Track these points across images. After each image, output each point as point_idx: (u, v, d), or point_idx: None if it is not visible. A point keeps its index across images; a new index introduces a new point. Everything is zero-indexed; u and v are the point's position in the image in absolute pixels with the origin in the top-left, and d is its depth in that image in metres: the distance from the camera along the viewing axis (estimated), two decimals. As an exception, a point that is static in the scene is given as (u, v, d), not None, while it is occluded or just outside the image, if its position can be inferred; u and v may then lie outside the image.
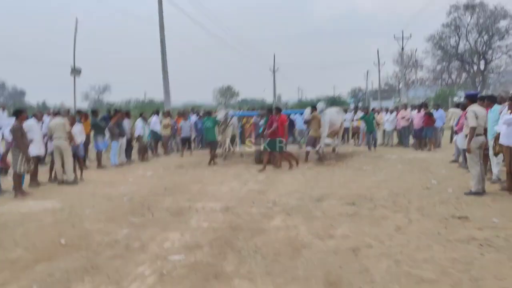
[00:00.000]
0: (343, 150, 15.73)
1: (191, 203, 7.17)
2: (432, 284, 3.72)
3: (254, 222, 5.91)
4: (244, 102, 72.93)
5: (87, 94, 75.39)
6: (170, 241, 5.17)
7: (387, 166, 11.18)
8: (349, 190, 7.95)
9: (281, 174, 10.35)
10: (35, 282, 4.02)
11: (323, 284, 3.80)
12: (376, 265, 4.18)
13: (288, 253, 4.61)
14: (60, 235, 5.54)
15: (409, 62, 66.30)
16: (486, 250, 4.52)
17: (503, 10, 52.16)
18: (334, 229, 5.45)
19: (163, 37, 21.11)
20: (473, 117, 7.13)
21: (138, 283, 3.94)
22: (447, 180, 8.74)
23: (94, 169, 11.89)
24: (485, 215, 5.88)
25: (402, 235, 5.14)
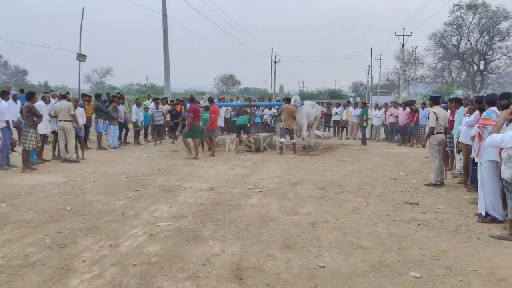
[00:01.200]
0: (331, 142, 16.63)
1: (181, 183, 8.10)
2: (367, 249, 4.63)
3: (234, 200, 6.82)
4: (246, 90, 73.77)
5: (89, 77, 76.25)
6: (159, 212, 6.08)
7: (366, 158, 12.07)
8: (324, 177, 8.86)
9: (267, 161, 11.25)
10: (47, 237, 4.93)
11: (280, 246, 4.70)
12: (326, 235, 5.09)
13: (258, 224, 5.52)
14: (65, 203, 6.47)
15: (410, 59, 67.00)
16: (421, 228, 5.43)
17: (505, 12, 52.70)
18: (300, 207, 6.37)
19: (166, 27, 21.83)
20: (434, 117, 8.00)
21: (131, 240, 4.85)
22: (415, 173, 9.65)
23: (94, 150, 12.80)
24: (434, 203, 6.80)
25: (357, 214, 6.05)
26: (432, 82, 63.02)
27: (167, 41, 21.99)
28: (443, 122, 8.19)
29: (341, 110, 19.35)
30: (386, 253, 4.52)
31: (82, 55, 15.99)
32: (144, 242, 4.80)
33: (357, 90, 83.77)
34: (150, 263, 4.18)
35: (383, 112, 18.07)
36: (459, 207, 6.52)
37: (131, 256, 4.37)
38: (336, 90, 72.48)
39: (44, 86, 60.95)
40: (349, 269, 4.07)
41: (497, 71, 57.32)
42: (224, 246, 4.70)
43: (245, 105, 17.28)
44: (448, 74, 64.09)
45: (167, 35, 21.94)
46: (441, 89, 51.28)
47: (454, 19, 55.73)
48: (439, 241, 4.93)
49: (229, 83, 77.21)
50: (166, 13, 21.82)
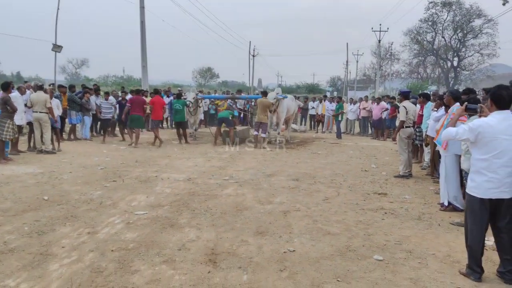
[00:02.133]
0: (307, 135, 16.95)
1: (158, 174, 8.24)
2: (334, 235, 4.91)
3: (210, 190, 7.02)
4: (224, 84, 73.66)
5: (64, 68, 74.82)
6: (137, 201, 6.24)
7: (339, 152, 12.42)
8: (298, 169, 9.13)
9: (243, 154, 11.46)
10: (26, 225, 5.04)
11: (253, 233, 4.93)
12: (297, 223, 5.35)
13: (232, 213, 5.74)
14: (42, 193, 6.55)
15: (386, 55, 68.08)
16: (387, 216, 5.75)
17: (478, 9, 53.97)
18: (274, 197, 6.62)
19: (143, 18, 21.69)
20: (404, 111, 8.36)
21: (109, 228, 5.00)
22: (386, 166, 10.03)
23: (70, 141, 12.76)
24: (401, 193, 7.15)
25: (327, 204, 6.34)
26: (407, 78, 64.13)
27: (144, 33, 21.87)
28: (412, 117, 8.55)
29: (317, 104, 19.70)
30: (353, 239, 4.80)
31: (58, 45, 15.83)
32: (122, 230, 4.96)
33: (334, 84, 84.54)
34: (128, 249, 4.35)
35: (358, 106, 18.48)
36: (424, 197, 6.88)
37: (109, 242, 4.53)
38: (314, 84, 73.04)
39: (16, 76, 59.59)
40: (317, 253, 4.34)
41: (470, 68, 58.72)
42: (199, 233, 4.90)
43: (226, 98, 17.36)
44: (423, 70, 65.37)
45: (144, 27, 21.81)
46: (416, 84, 52.30)
47: (429, 16, 56.79)
48: (403, 228, 5.25)
49: (207, 76, 77.00)
50: (144, 5, 21.68)
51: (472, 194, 3.63)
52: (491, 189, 3.49)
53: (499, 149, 3.48)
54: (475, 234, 3.62)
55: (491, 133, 3.50)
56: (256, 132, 12.87)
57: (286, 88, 69.29)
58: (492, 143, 3.49)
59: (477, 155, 3.61)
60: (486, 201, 3.52)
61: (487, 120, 3.58)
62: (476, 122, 3.61)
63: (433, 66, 63.68)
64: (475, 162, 3.63)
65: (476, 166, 3.61)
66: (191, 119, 14.61)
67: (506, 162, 3.47)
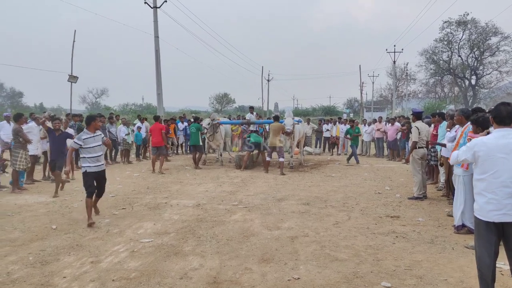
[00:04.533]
0: (321, 158, 16.80)
1: (168, 200, 8.21)
2: (342, 262, 4.75)
3: (218, 216, 6.94)
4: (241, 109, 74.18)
5: (84, 97, 76.65)
6: (143, 229, 6.19)
7: (354, 174, 12.22)
8: (309, 193, 8.99)
9: (255, 178, 11.37)
10: (31, 255, 5.03)
11: (258, 260, 4.81)
12: (304, 249, 5.21)
13: (238, 239, 5.63)
14: (51, 222, 6.57)
15: (402, 75, 67.80)
16: (398, 240, 5.56)
17: (494, 27, 53.55)
18: (283, 222, 6.49)
19: (158, 47, 22.17)
20: (416, 132, 8.20)
21: (113, 257, 4.95)
22: (400, 187, 9.80)
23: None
24: (415, 216, 6.94)
25: (337, 228, 6.17)
26: (424, 98, 63.57)
27: (159, 61, 22.30)
28: (425, 137, 8.38)
29: (331, 126, 19.58)
30: (361, 265, 4.64)
31: (74, 76, 16.20)
32: (125, 258, 4.90)
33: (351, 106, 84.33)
34: (129, 278, 4.28)
35: (372, 128, 18.29)
36: (438, 220, 6.66)
37: (111, 272, 4.47)
38: (330, 106, 72.92)
39: (39, 107, 61.26)
40: (322, 281, 4.19)
41: (489, 86, 57.91)
42: (203, 260, 4.81)
43: (243, 123, 17.37)
44: (441, 90, 64.75)
45: (159, 56, 22.26)
46: (433, 104, 51.70)
47: (444, 36, 56.54)
48: (414, 252, 5.06)
49: (224, 101, 77.68)
50: (158, 35, 22.17)
51: (477, 217, 3.47)
52: (493, 211, 3.31)
53: (495, 168, 3.33)
54: (484, 258, 3.44)
55: (485, 151, 3.37)
56: (269, 157, 12.70)
57: (302, 111, 69.41)
58: (488, 161, 3.35)
59: (476, 175, 3.47)
60: (491, 224, 3.35)
61: (483, 138, 3.46)
62: (473, 141, 3.49)
63: (450, 85, 63.01)
64: (475, 182, 3.49)
65: (477, 187, 3.46)
66: (212, 144, 14.75)
67: (504, 182, 3.30)
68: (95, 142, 6.56)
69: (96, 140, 6.59)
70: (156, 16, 22.20)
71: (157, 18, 22.22)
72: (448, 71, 58.82)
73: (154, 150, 12.91)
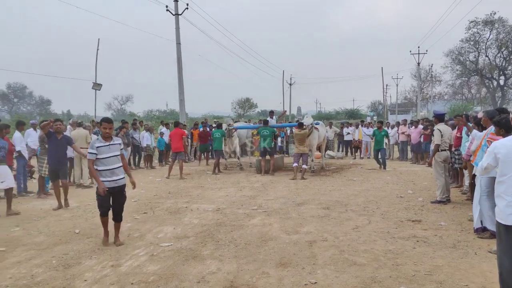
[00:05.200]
0: (344, 162, 16.65)
1: (188, 205, 8.30)
2: (361, 266, 4.70)
3: (237, 220, 6.97)
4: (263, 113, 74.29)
5: (110, 104, 78.25)
6: (163, 233, 6.27)
7: (376, 178, 12.06)
8: (330, 197, 8.92)
9: (276, 183, 11.36)
10: (54, 258, 5.16)
11: (275, 264, 4.81)
12: (323, 253, 5.17)
13: (256, 243, 5.64)
14: (75, 227, 6.73)
15: (426, 77, 66.67)
16: (419, 245, 5.46)
17: (523, 26, 52.13)
18: (301, 227, 6.47)
19: (180, 54, 22.48)
20: (439, 135, 8.04)
21: (133, 261, 5.03)
22: (423, 191, 9.62)
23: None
24: (437, 220, 6.80)
25: (357, 232, 6.11)
26: (451, 99, 62.35)
27: (181, 67, 22.61)
28: (448, 139, 8.22)
29: (353, 130, 19.39)
30: (379, 270, 4.58)
31: (98, 84, 16.62)
32: (145, 262, 4.97)
33: (375, 109, 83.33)
34: (148, 282, 4.34)
35: (396, 131, 18.03)
36: (461, 224, 6.51)
37: (130, 275, 4.54)
38: (354, 109, 72.22)
39: (67, 114, 62.79)
40: (339, 285, 4.16)
41: (518, 86, 56.39)
42: (221, 264, 4.84)
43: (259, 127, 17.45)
44: (468, 91, 63.38)
45: (181, 62, 22.57)
46: (460, 106, 50.58)
47: (471, 36, 55.35)
48: (435, 257, 4.96)
49: (246, 106, 77.95)
50: (180, 41, 22.48)
51: (497, 220, 3.39)
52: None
53: None
54: (504, 262, 3.36)
55: (505, 153, 3.30)
56: (296, 163, 12.46)
57: (325, 114, 68.98)
58: (506, 163, 3.28)
59: (497, 177, 3.40)
60: (511, 228, 3.27)
61: (503, 140, 3.39)
62: (493, 144, 3.42)
63: (477, 86, 61.61)
64: (496, 185, 3.42)
65: (497, 189, 3.39)
66: (226, 149, 14.82)
67: None
68: (110, 152, 5.62)
69: (112, 149, 5.64)
70: (178, 23, 22.52)
71: (179, 25, 22.55)
72: (475, 72, 57.51)
73: (174, 155, 13.06)
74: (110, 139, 5.70)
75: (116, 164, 5.68)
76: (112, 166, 5.63)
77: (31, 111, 66.95)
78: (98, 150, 5.56)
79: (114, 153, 5.67)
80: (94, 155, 5.54)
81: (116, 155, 5.69)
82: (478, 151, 6.21)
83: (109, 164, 5.60)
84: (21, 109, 67.59)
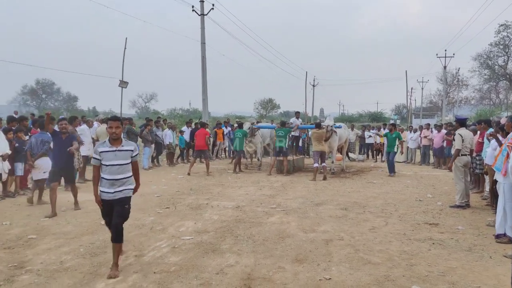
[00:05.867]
0: (364, 165, 16.65)
1: (209, 201, 8.53)
2: (375, 265, 4.82)
3: (256, 217, 7.15)
4: (286, 114, 74.29)
5: (134, 102, 79.56)
6: (185, 227, 6.51)
7: (396, 181, 12.06)
8: (348, 198, 9.02)
9: (295, 183, 11.50)
10: (82, 247, 5.46)
11: (291, 260, 4.97)
12: (338, 251, 5.31)
13: (274, 240, 5.81)
14: (100, 218, 6.91)
15: (453, 81, 65.52)
16: (434, 247, 5.53)
17: (555, 30, 50.74)
18: (319, 226, 6.61)
19: (204, 54, 22.84)
20: (459, 139, 8.05)
21: (155, 252, 5.28)
22: (443, 195, 9.61)
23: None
24: (454, 224, 6.83)
25: (373, 233, 6.21)
26: (478, 104, 61.10)
27: (205, 67, 22.96)
28: (469, 144, 8.22)
29: (374, 133, 19.33)
30: (393, 269, 4.68)
31: (124, 82, 17.06)
32: (167, 253, 5.21)
33: (399, 112, 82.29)
34: (169, 271, 4.57)
35: (418, 134, 17.90)
36: (479, 228, 6.53)
37: (153, 265, 4.78)
38: (377, 112, 71.49)
39: (93, 111, 64.26)
40: (353, 282, 4.29)
41: (547, 92, 54.91)
42: (239, 258, 5.03)
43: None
44: (495, 96, 62.03)
45: (205, 62, 22.93)
46: (486, 111, 49.52)
47: (501, 39, 54.13)
48: (449, 259, 5.03)
49: (269, 107, 78.10)
50: (205, 41, 22.83)
51: None
52: None
53: None
54: None
55: None
56: (317, 164, 12.40)
57: (348, 117, 68.54)
58: None
59: None
60: None
61: None
62: None
63: (506, 92, 60.21)
64: None
65: None
66: (248, 148, 14.98)
67: None
68: (116, 160, 4.56)
69: (118, 156, 4.57)
70: (203, 23, 22.89)
71: (204, 25, 22.91)
72: (504, 77, 56.25)
73: (197, 153, 13.50)
74: (119, 143, 4.63)
75: (121, 174, 4.59)
76: (115, 176, 4.56)
77: (59, 107, 68.66)
78: (102, 156, 4.56)
79: (121, 161, 4.59)
80: (98, 161, 4.58)
81: (123, 164, 4.60)
82: (498, 156, 6.23)
83: (112, 173, 4.56)
84: (48, 104, 69.39)
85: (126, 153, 4.63)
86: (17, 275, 4.48)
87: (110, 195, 4.59)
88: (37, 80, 67.85)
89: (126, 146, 4.66)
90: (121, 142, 4.65)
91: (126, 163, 4.62)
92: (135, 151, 4.75)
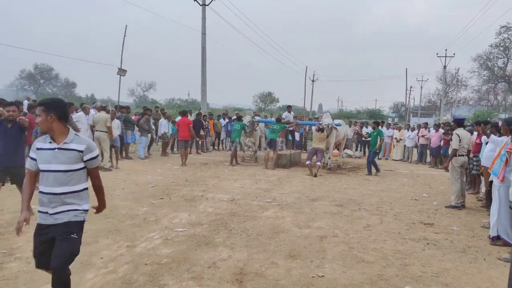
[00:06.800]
0: (361, 161, 16.64)
1: (204, 193, 8.48)
2: (368, 263, 4.78)
3: (251, 211, 7.10)
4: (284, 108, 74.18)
5: (133, 90, 79.21)
6: (178, 219, 6.45)
7: (392, 179, 12.04)
8: (344, 195, 8.98)
9: (292, 178, 11.45)
10: (73, 235, 5.38)
11: (285, 256, 4.93)
12: (332, 248, 5.27)
13: (268, 235, 5.77)
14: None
15: (452, 81, 65.53)
16: (429, 247, 5.50)
17: (555, 33, 50.76)
18: (313, 222, 6.56)
19: (205, 44, 22.66)
20: (457, 140, 8.01)
21: (147, 243, 5.22)
22: (439, 195, 9.59)
23: (128, 160, 13.44)
24: (449, 224, 6.81)
25: (368, 231, 6.17)
26: (475, 105, 61.17)
27: (205, 58, 22.79)
28: (466, 145, 8.18)
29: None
30: (387, 268, 4.65)
31: (123, 69, 16.86)
32: (159, 245, 5.16)
33: (398, 110, 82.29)
34: (161, 264, 4.52)
35: (416, 133, 17.88)
36: (474, 230, 6.52)
37: (145, 256, 4.73)
38: (375, 110, 71.47)
39: (90, 98, 63.92)
40: (346, 280, 4.25)
41: (546, 95, 55.02)
42: (232, 252, 4.98)
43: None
44: (494, 97, 62.11)
45: (205, 53, 22.75)
46: (484, 112, 49.57)
47: (501, 41, 54.15)
48: (443, 260, 5.01)
49: (268, 100, 77.97)
50: (205, 32, 22.66)
51: None
52: None
53: None
54: None
55: None
56: (309, 161, 12.41)
57: (346, 113, 68.54)
58: None
59: None
60: None
61: None
62: None
63: (504, 93, 60.32)
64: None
65: None
66: (247, 142, 14.86)
67: None
68: (56, 162, 3.03)
69: (58, 157, 3.04)
70: (205, 14, 22.69)
71: (205, 16, 22.72)
72: (503, 78, 56.35)
73: (182, 143, 13.31)
74: (62, 138, 3.09)
75: (62, 186, 3.06)
76: (52, 189, 3.05)
77: (56, 93, 68.31)
78: (37, 154, 3.09)
79: (62, 165, 3.05)
80: (33, 163, 3.11)
81: (65, 170, 3.05)
82: (496, 160, 6.18)
83: (48, 183, 3.06)
84: (46, 90, 69.00)
85: (71, 154, 3.07)
86: (5, 262, 4.43)
87: (49, 218, 3.10)
88: (35, 65, 67.45)
89: (75, 144, 3.10)
90: (66, 137, 3.09)
91: (70, 170, 3.07)
92: (88, 153, 3.15)
